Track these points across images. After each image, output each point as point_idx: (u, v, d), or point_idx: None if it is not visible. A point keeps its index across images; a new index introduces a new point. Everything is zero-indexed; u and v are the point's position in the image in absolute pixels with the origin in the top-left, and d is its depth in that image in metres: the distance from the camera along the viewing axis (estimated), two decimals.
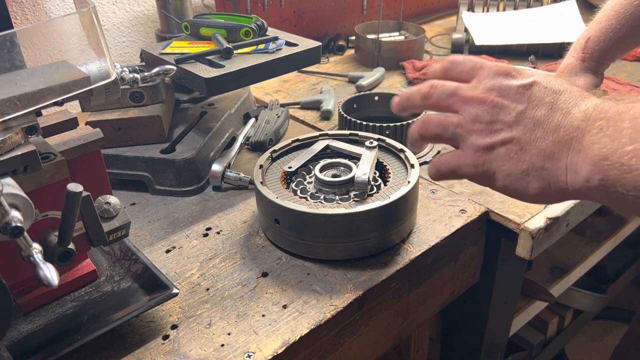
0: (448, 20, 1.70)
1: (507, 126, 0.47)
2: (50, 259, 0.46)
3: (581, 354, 1.79)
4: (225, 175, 0.82)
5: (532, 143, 0.46)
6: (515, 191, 0.48)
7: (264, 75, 0.83)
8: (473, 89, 0.50)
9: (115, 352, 0.54)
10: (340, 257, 0.65)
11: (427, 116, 0.53)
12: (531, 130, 0.46)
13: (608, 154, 0.40)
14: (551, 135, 0.45)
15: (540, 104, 0.47)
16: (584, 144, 0.43)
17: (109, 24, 1.16)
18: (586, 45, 0.86)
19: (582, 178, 0.43)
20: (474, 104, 0.49)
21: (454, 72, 0.54)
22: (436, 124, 0.52)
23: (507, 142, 0.47)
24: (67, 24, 0.52)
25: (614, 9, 0.82)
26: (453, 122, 0.51)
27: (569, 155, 0.44)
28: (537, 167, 0.46)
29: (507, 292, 0.91)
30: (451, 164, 0.52)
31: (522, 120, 0.47)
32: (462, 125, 0.50)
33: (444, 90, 0.52)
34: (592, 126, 0.43)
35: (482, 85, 0.50)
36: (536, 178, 0.46)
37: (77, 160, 0.53)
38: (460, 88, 0.51)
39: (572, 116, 0.45)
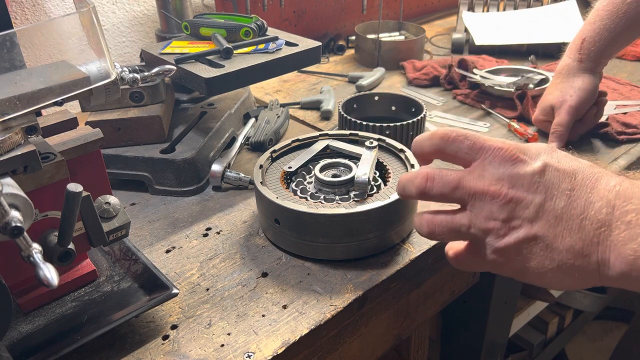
0: (448, 20, 1.70)
1: (526, 222, 0.43)
2: (50, 259, 0.46)
3: (581, 354, 1.79)
4: (225, 175, 0.82)
5: (557, 239, 0.42)
6: (546, 285, 0.45)
7: (264, 75, 0.83)
8: (480, 179, 0.45)
9: (115, 352, 0.54)
10: (340, 257, 0.65)
11: (431, 219, 0.49)
12: (554, 225, 0.42)
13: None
14: (577, 230, 0.42)
15: (558, 193, 0.43)
16: (614, 241, 0.40)
17: (109, 24, 1.16)
18: (582, 46, 0.86)
19: (617, 274, 0.41)
20: (485, 198, 0.45)
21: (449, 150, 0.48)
22: (444, 228, 0.48)
23: (531, 240, 0.43)
24: (67, 24, 0.52)
25: (606, 9, 0.82)
26: (464, 224, 0.46)
27: (599, 251, 0.41)
28: (568, 265, 0.42)
29: (507, 292, 0.91)
30: (471, 264, 0.48)
31: (542, 215, 0.43)
32: (474, 225, 0.46)
33: (446, 183, 0.47)
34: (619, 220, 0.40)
35: (490, 174, 0.45)
36: (568, 274, 0.43)
37: (77, 160, 0.53)
38: (465, 179, 0.46)
39: (596, 206, 0.41)
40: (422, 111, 0.87)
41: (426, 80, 1.19)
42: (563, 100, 0.87)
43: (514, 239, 0.44)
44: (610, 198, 0.41)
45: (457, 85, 1.14)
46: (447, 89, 1.16)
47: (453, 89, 1.15)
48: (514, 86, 1.04)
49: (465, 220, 0.46)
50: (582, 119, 0.89)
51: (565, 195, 0.42)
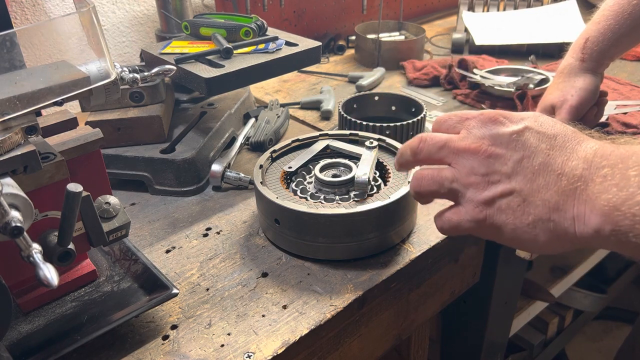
0: (448, 20, 1.70)
1: (505, 177, 0.45)
2: (50, 259, 0.46)
3: (581, 354, 1.79)
4: (225, 175, 0.82)
5: (534, 194, 0.44)
6: (522, 243, 0.46)
7: (264, 75, 0.83)
8: (464, 139, 0.48)
9: (115, 352, 0.54)
10: (340, 257, 0.65)
11: (420, 172, 0.51)
12: (531, 180, 0.44)
13: (617, 204, 0.39)
14: (553, 185, 0.43)
15: (537, 151, 0.45)
16: (590, 194, 0.41)
17: (109, 24, 1.16)
18: (585, 45, 0.86)
19: (592, 229, 0.41)
20: (466, 155, 0.47)
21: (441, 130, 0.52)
22: (430, 180, 0.50)
23: (508, 194, 0.45)
24: (67, 24, 0.52)
25: (612, 9, 0.82)
26: (447, 177, 0.49)
27: (574, 205, 0.42)
28: (544, 219, 0.44)
29: (507, 292, 0.91)
30: (452, 220, 0.50)
31: (520, 170, 0.45)
32: (457, 180, 0.48)
33: (434, 143, 0.50)
34: (595, 174, 0.41)
35: (473, 135, 0.48)
36: (543, 230, 0.44)
37: (77, 160, 0.53)
38: (451, 139, 0.49)
39: (572, 163, 0.43)
40: (422, 111, 0.87)
41: (426, 80, 1.19)
42: (564, 100, 0.87)
43: (492, 192, 0.46)
44: (588, 156, 0.42)
45: (457, 85, 1.14)
46: (447, 89, 1.16)
47: (453, 89, 1.15)
48: (514, 86, 1.04)
49: (449, 174, 0.49)
50: (582, 119, 0.89)
51: (543, 154, 0.44)
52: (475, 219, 0.47)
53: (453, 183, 0.48)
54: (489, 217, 0.47)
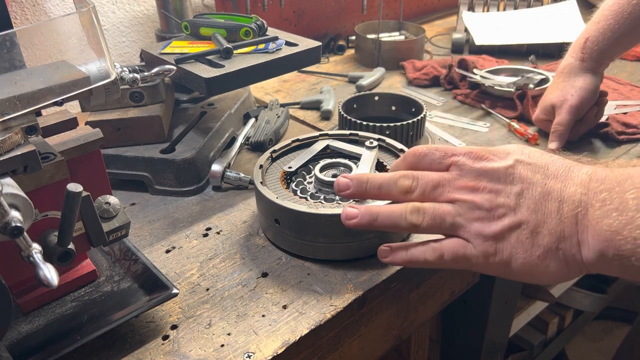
0: (448, 20, 1.70)
1: (509, 210, 0.45)
2: (50, 259, 0.46)
3: (581, 354, 1.79)
4: (225, 175, 0.82)
5: (540, 224, 0.44)
6: (533, 276, 0.46)
7: (264, 75, 0.83)
8: (460, 178, 0.48)
9: (115, 352, 0.54)
10: (340, 257, 0.65)
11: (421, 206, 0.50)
12: (535, 210, 0.44)
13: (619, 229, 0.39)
14: (556, 213, 0.43)
15: (534, 182, 0.45)
16: (591, 220, 0.41)
17: (109, 23, 1.16)
18: (585, 45, 0.86)
19: (596, 254, 0.41)
20: (466, 192, 0.47)
21: (423, 164, 0.51)
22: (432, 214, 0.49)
23: (516, 227, 0.45)
24: (66, 24, 0.52)
25: (611, 9, 0.82)
26: (450, 212, 0.48)
27: (578, 231, 0.42)
28: (553, 249, 0.44)
29: (507, 292, 0.91)
30: (458, 253, 0.48)
31: (522, 202, 0.45)
32: (460, 214, 0.47)
33: (428, 181, 0.49)
34: (594, 199, 0.42)
35: (468, 173, 0.48)
36: (554, 260, 0.44)
37: (77, 160, 0.53)
38: (446, 177, 0.49)
39: (570, 190, 0.43)
40: (422, 111, 0.87)
41: (426, 80, 1.19)
42: (564, 100, 0.87)
43: (500, 226, 0.45)
44: (584, 182, 0.43)
45: (457, 85, 1.14)
46: (447, 89, 1.16)
47: (453, 89, 1.15)
48: (514, 86, 1.04)
49: (451, 209, 0.48)
50: (582, 119, 0.89)
51: (540, 184, 0.45)
52: (485, 253, 0.46)
53: (457, 218, 0.48)
54: (499, 252, 0.46)
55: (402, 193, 0.51)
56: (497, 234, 0.46)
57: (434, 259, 0.50)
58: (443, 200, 0.49)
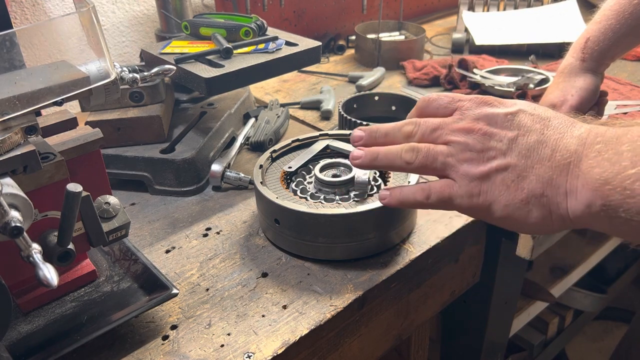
0: (448, 20, 1.70)
1: (500, 153, 0.46)
2: (50, 259, 0.46)
3: (582, 355, 1.79)
4: (225, 175, 0.81)
5: (528, 169, 0.44)
6: (514, 221, 0.46)
7: (264, 75, 0.83)
8: (458, 121, 0.49)
9: (115, 352, 0.54)
10: (340, 257, 0.65)
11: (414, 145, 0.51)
12: (526, 156, 0.45)
13: (609, 178, 0.39)
14: (547, 160, 0.44)
15: (531, 130, 0.46)
16: (583, 169, 0.41)
17: (109, 23, 1.16)
18: (586, 45, 0.86)
19: (583, 204, 0.41)
20: (462, 133, 0.48)
21: (430, 109, 0.52)
22: (425, 153, 0.50)
23: (503, 170, 0.45)
24: (66, 23, 0.52)
25: (612, 9, 0.82)
26: (443, 152, 0.49)
27: (567, 180, 0.42)
28: (537, 195, 0.44)
29: (507, 293, 0.91)
30: (444, 193, 0.49)
31: (514, 147, 0.46)
32: (452, 155, 0.48)
33: (428, 125, 0.50)
34: (589, 150, 0.41)
35: (467, 116, 0.49)
36: (536, 206, 0.44)
37: (76, 160, 0.53)
38: (445, 121, 0.50)
39: (566, 140, 0.43)
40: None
41: (426, 80, 1.19)
42: (564, 100, 0.87)
43: (487, 167, 0.46)
44: (583, 135, 0.43)
45: (457, 85, 1.14)
46: (447, 88, 1.16)
47: (453, 88, 1.15)
48: (514, 86, 1.04)
49: (444, 149, 0.49)
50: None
51: (538, 132, 0.45)
52: (469, 193, 0.47)
53: (448, 157, 0.49)
54: (482, 193, 0.47)
55: (404, 138, 0.52)
56: (483, 175, 0.46)
57: (422, 198, 0.51)
58: (440, 142, 0.50)
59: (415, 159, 0.50)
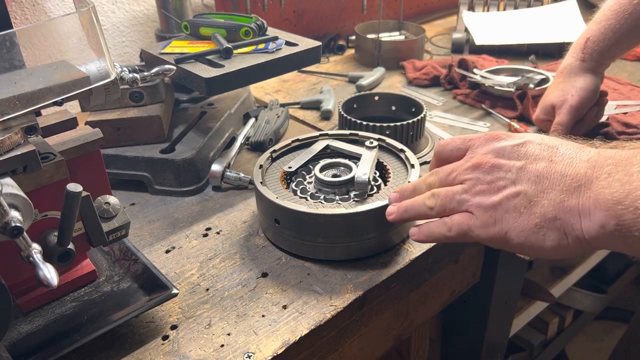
0: (448, 20, 1.70)
1: (510, 182, 0.47)
2: (50, 259, 0.46)
3: (582, 355, 1.79)
4: (225, 175, 0.81)
5: (539, 195, 0.45)
6: (532, 247, 0.46)
7: (264, 75, 0.83)
8: (470, 159, 0.51)
9: (115, 352, 0.54)
10: (340, 257, 0.65)
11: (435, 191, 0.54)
12: (536, 182, 0.46)
13: (621, 198, 0.39)
14: (557, 185, 0.44)
15: (539, 158, 0.47)
16: (594, 190, 0.42)
17: (109, 23, 1.16)
18: (586, 45, 0.86)
19: (597, 225, 0.41)
20: (472, 169, 0.50)
21: (445, 152, 0.56)
22: (444, 195, 0.52)
23: (514, 197, 0.47)
24: (66, 23, 0.52)
25: (612, 9, 0.82)
26: (458, 191, 0.51)
27: (579, 202, 0.43)
28: (550, 218, 0.44)
29: (507, 293, 0.91)
30: (462, 225, 0.50)
31: (523, 175, 0.47)
32: (466, 191, 0.50)
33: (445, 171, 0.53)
34: (599, 172, 0.42)
35: (477, 153, 0.51)
36: (551, 230, 0.45)
37: (76, 160, 0.53)
38: (458, 163, 0.53)
39: (575, 165, 0.44)
40: (422, 111, 0.87)
41: (426, 80, 1.19)
42: (564, 100, 0.87)
43: (499, 196, 0.48)
44: (592, 159, 0.44)
45: (457, 85, 1.14)
46: (447, 88, 1.16)
47: (453, 88, 1.15)
48: (514, 86, 1.04)
49: (458, 188, 0.51)
50: (582, 119, 0.89)
51: (546, 160, 0.46)
52: (485, 223, 0.48)
53: (463, 195, 0.51)
54: (497, 221, 0.48)
55: (428, 188, 0.56)
56: (495, 204, 0.48)
57: (445, 231, 0.52)
58: (455, 183, 0.52)
59: (436, 203, 0.53)
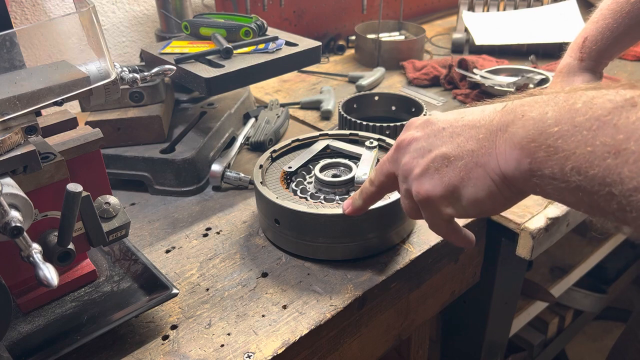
0: (448, 20, 1.70)
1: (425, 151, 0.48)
2: (50, 259, 0.46)
3: (582, 355, 1.79)
4: (225, 175, 0.81)
5: (455, 149, 0.46)
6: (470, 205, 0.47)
7: (264, 75, 0.83)
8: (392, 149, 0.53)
9: (115, 352, 0.54)
10: (340, 257, 0.65)
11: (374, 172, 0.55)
12: (450, 141, 0.47)
13: (534, 136, 0.40)
14: (472, 135, 0.45)
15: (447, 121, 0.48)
16: (509, 132, 0.42)
17: (109, 23, 1.16)
18: (584, 44, 0.86)
19: (513, 164, 0.42)
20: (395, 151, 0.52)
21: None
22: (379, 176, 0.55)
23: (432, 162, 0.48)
24: (66, 24, 0.52)
25: (610, 8, 0.82)
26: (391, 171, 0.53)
27: (495, 145, 0.44)
28: (472, 166, 0.45)
29: (507, 293, 0.91)
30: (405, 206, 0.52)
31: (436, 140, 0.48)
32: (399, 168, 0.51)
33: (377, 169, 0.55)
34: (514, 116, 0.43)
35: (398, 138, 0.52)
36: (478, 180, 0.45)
37: (76, 160, 0.53)
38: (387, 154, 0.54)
39: (489, 114, 0.45)
40: (422, 111, 0.87)
41: (426, 80, 1.19)
42: None
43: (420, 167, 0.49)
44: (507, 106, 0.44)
45: (457, 85, 1.14)
46: (447, 88, 1.16)
47: (453, 88, 1.15)
48: (514, 86, 1.04)
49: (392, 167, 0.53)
50: None
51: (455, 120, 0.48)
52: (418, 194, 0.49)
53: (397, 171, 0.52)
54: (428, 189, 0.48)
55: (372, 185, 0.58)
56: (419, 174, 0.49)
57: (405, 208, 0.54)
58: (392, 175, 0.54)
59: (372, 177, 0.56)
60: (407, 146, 0.50)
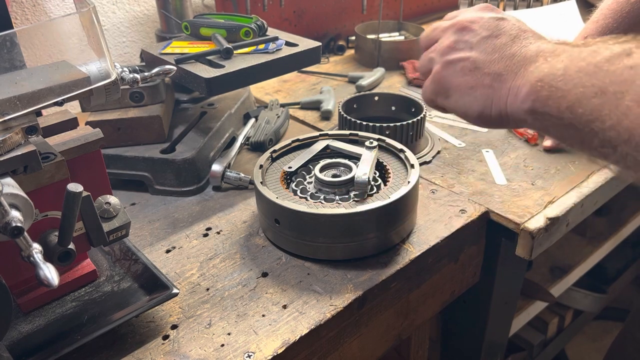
0: None
1: (468, 47, 0.52)
2: (50, 259, 0.46)
3: (581, 354, 1.79)
4: (225, 175, 0.82)
5: (486, 64, 0.50)
6: (462, 107, 0.52)
7: (264, 75, 0.83)
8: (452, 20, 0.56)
9: (115, 352, 0.54)
10: (340, 257, 0.65)
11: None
12: (489, 53, 0.50)
13: (542, 77, 0.44)
14: (505, 60, 0.49)
15: (505, 34, 0.51)
16: (528, 71, 0.47)
17: (109, 24, 1.17)
18: None
19: (520, 100, 0.46)
20: (448, 29, 0.55)
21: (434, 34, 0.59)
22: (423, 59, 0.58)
23: (464, 60, 0.52)
24: (67, 24, 0.52)
25: (610, 8, 0.82)
26: (432, 50, 0.57)
27: (514, 79, 0.48)
28: (484, 85, 0.50)
29: (507, 292, 0.91)
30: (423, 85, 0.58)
31: (482, 44, 0.51)
32: (435, 50, 0.56)
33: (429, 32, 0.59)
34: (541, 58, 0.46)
35: (460, 15, 0.55)
36: (482, 95, 0.50)
37: (77, 160, 0.53)
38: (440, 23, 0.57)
39: (527, 49, 0.48)
40: (422, 111, 0.87)
41: None
42: None
43: (454, 56, 0.53)
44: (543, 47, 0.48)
45: None
46: None
47: None
48: None
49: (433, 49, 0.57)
50: None
51: (509, 37, 0.51)
52: (434, 79, 0.55)
53: (432, 53, 0.56)
54: (443, 78, 0.54)
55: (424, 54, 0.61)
56: (449, 62, 0.53)
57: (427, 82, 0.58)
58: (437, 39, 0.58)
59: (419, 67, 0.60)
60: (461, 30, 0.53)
